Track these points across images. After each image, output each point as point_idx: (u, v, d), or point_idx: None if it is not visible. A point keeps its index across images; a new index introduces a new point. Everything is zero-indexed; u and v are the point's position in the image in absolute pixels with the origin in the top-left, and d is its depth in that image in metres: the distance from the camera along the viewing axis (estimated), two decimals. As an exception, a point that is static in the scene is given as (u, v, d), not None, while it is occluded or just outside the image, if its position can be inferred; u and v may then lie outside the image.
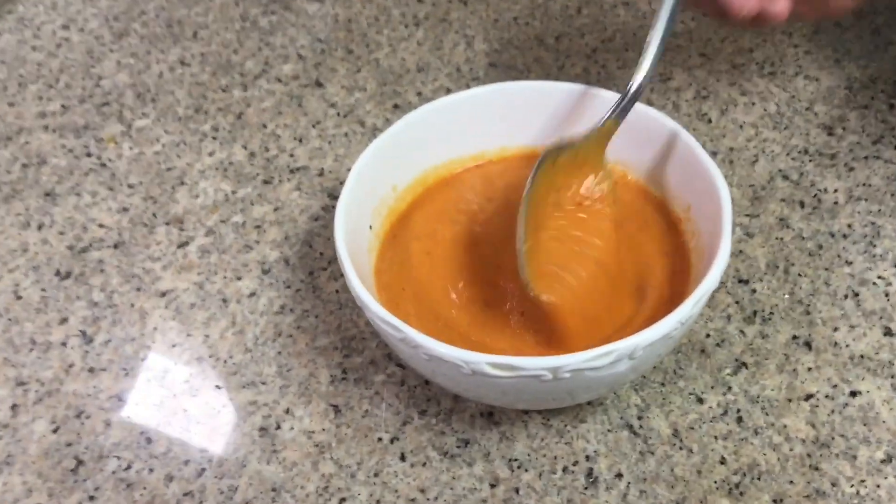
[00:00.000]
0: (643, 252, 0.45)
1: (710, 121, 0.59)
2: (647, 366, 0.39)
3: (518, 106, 0.49)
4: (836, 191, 0.53)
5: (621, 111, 0.43)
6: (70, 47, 0.71)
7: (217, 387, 0.47)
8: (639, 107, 0.47)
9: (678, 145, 0.45)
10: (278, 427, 0.44)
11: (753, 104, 0.59)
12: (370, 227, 0.46)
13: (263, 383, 0.46)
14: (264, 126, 0.62)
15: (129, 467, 0.43)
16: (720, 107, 0.60)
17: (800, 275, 0.49)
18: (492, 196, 0.49)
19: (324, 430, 0.44)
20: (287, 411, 0.45)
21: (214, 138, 0.62)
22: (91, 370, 0.48)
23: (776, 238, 0.51)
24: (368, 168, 0.45)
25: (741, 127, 0.58)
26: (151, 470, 0.43)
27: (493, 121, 0.50)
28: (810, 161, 0.55)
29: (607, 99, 0.48)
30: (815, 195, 0.53)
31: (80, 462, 0.44)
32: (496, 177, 0.50)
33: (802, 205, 0.52)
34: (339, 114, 0.63)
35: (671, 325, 0.36)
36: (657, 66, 0.43)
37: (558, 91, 0.49)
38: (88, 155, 0.61)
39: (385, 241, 0.47)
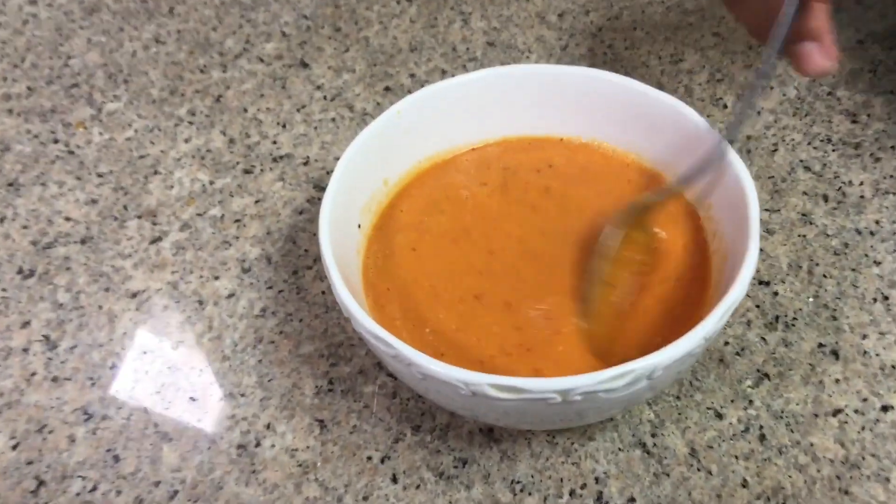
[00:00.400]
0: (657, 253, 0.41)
1: (725, 106, 0.54)
2: (666, 384, 0.36)
3: (521, 91, 0.45)
4: (861, 183, 0.49)
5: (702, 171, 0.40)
6: (37, 24, 0.66)
7: (191, 399, 0.43)
8: (653, 92, 0.43)
9: (696, 135, 0.41)
10: (258, 444, 0.41)
11: (772, 88, 0.55)
12: (359, 225, 0.42)
13: (242, 395, 0.43)
14: (245, 110, 0.58)
15: (94, 489, 0.40)
16: (736, 91, 0.55)
17: (825, 276, 0.45)
18: (486, 180, 0.45)
19: (308, 447, 0.40)
20: (268, 427, 0.41)
21: (191, 123, 0.57)
22: (55, 379, 0.44)
23: (798, 235, 0.47)
24: (357, 161, 0.41)
25: (759, 113, 0.54)
26: (119, 492, 0.39)
27: (494, 107, 0.46)
28: (833, 151, 0.51)
29: (615, 83, 0.44)
30: (840, 188, 0.49)
31: (41, 482, 0.40)
32: (493, 159, 0.46)
33: (826, 199, 0.49)
34: (325, 97, 0.58)
35: (694, 342, 0.32)
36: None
37: (563, 75, 0.45)
38: (55, 141, 0.57)
39: (371, 236, 0.43)
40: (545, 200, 0.44)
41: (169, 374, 0.44)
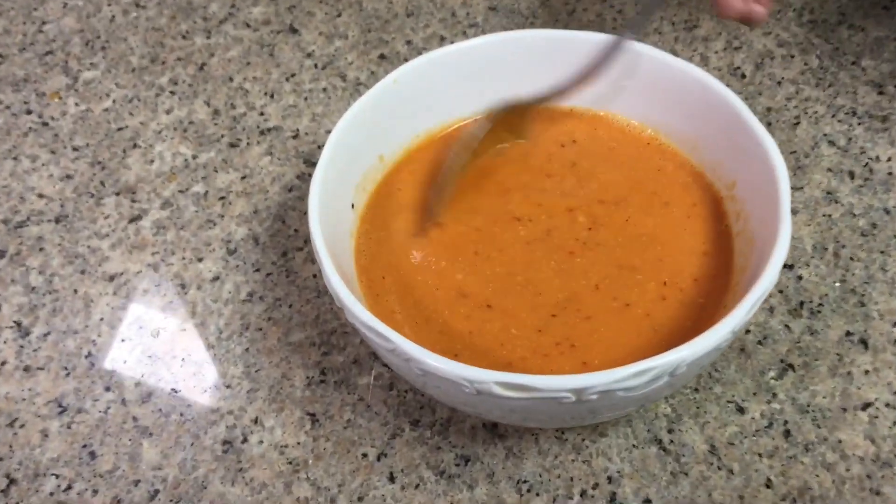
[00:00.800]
0: (673, 233, 0.38)
1: (743, 76, 0.51)
2: (687, 380, 0.33)
3: (526, 59, 0.42)
4: (889, 159, 0.46)
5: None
6: (9, -14, 0.62)
7: (173, 391, 0.40)
8: (673, 60, 0.39)
9: (720, 108, 0.38)
10: (245, 440, 0.38)
11: (792, 57, 0.52)
12: (352, 205, 0.38)
13: (228, 387, 0.40)
14: (230, 79, 0.54)
15: (69, 488, 0.37)
16: (754, 60, 0.52)
17: (852, 259, 0.42)
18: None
19: (298, 443, 0.38)
20: (255, 421, 0.38)
21: (173, 93, 0.54)
22: (27, 369, 0.41)
23: (823, 215, 0.44)
24: (350, 134, 0.38)
25: (779, 83, 0.50)
26: (96, 491, 0.37)
27: (496, 76, 0.42)
28: (859, 124, 0.48)
29: (626, 49, 0.40)
30: (866, 164, 0.46)
31: (12, 481, 0.37)
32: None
33: (852, 175, 0.46)
34: (316, 65, 0.55)
35: (721, 336, 0.29)
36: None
37: (571, 41, 0.42)
38: (28, 112, 0.53)
39: (364, 216, 0.39)
40: (558, 176, 0.41)
41: (149, 364, 0.41)
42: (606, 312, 0.35)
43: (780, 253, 0.31)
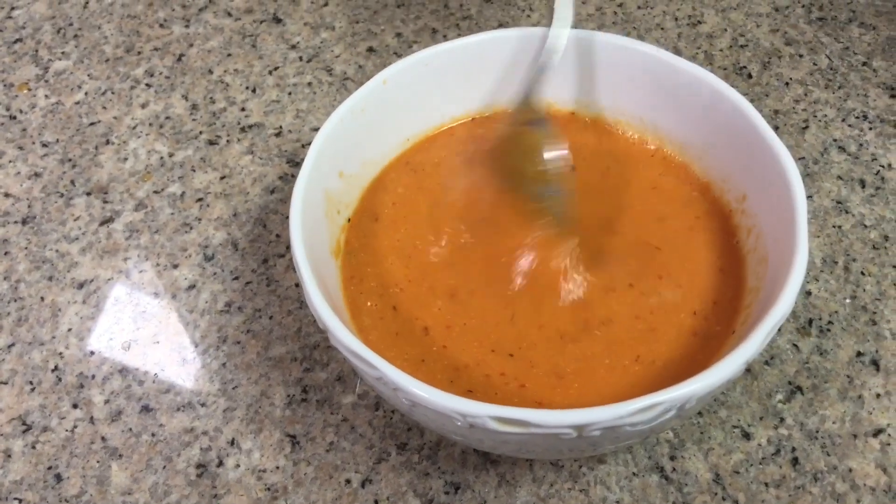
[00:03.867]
0: (679, 251, 0.35)
1: (749, 76, 0.49)
2: (695, 412, 0.31)
3: (525, 58, 0.39)
4: (901, 166, 0.44)
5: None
6: (-23, -32, 0.59)
7: (145, 408, 0.37)
8: (675, 61, 0.37)
9: (727, 113, 0.35)
10: (220, 464, 0.35)
11: (801, 56, 0.50)
12: (338, 212, 0.36)
13: (203, 405, 0.37)
14: (210, 72, 0.51)
15: (31, 513, 0.35)
16: (761, 59, 0.50)
17: (863, 273, 0.40)
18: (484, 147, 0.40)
19: (278, 468, 0.35)
20: (232, 443, 0.36)
21: (148, 86, 0.51)
22: (-12, 383, 0.38)
23: (833, 226, 0.42)
24: (334, 140, 0.35)
25: (787, 84, 0.48)
26: (60, 518, 0.34)
27: (494, 76, 0.40)
28: (871, 129, 0.46)
29: (627, 49, 0.38)
30: (878, 172, 0.44)
31: (-30, 505, 0.35)
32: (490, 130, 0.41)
33: (863, 184, 0.43)
34: (301, 58, 0.52)
35: (734, 368, 0.27)
36: None
37: (569, 40, 0.39)
38: (-5, 104, 0.50)
39: (352, 224, 0.37)
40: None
41: (119, 379, 0.38)
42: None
43: (797, 275, 0.29)
